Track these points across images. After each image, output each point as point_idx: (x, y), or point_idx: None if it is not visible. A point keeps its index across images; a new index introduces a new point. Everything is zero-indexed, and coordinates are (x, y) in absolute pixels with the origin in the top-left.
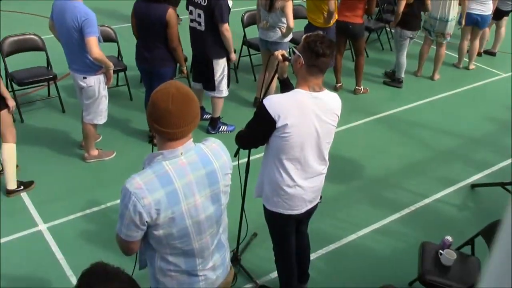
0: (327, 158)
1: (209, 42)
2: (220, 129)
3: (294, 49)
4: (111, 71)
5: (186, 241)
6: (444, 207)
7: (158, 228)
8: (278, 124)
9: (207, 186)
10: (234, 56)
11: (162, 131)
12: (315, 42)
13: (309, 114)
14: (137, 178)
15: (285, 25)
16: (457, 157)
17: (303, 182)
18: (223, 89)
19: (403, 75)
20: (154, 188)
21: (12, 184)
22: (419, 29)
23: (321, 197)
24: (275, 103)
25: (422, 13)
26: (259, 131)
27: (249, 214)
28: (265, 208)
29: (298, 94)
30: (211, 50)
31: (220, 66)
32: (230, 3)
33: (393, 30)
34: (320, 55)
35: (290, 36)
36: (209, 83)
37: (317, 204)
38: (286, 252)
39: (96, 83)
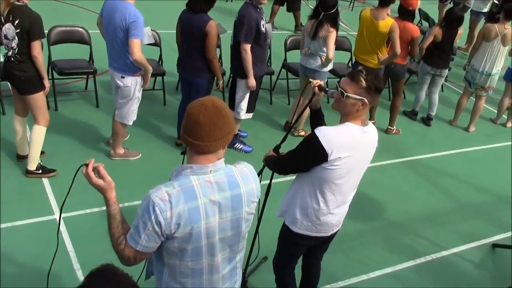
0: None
1: (235, 59)
2: (235, 146)
3: (347, 93)
4: (149, 75)
5: (197, 260)
6: (461, 262)
7: (174, 241)
8: (330, 158)
9: (229, 209)
10: (251, 82)
11: (190, 142)
12: (375, 80)
13: (359, 148)
14: (163, 189)
15: (325, 54)
16: (481, 213)
17: (336, 209)
18: (240, 111)
19: (417, 109)
20: (177, 201)
21: (32, 165)
22: (442, 69)
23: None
24: (329, 136)
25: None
26: (306, 161)
27: (263, 237)
28: (287, 228)
29: (352, 129)
30: (236, 67)
31: (242, 86)
32: (265, 28)
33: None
34: (380, 91)
35: (330, 66)
36: (232, 102)
37: (338, 230)
38: (288, 269)
39: (133, 84)
